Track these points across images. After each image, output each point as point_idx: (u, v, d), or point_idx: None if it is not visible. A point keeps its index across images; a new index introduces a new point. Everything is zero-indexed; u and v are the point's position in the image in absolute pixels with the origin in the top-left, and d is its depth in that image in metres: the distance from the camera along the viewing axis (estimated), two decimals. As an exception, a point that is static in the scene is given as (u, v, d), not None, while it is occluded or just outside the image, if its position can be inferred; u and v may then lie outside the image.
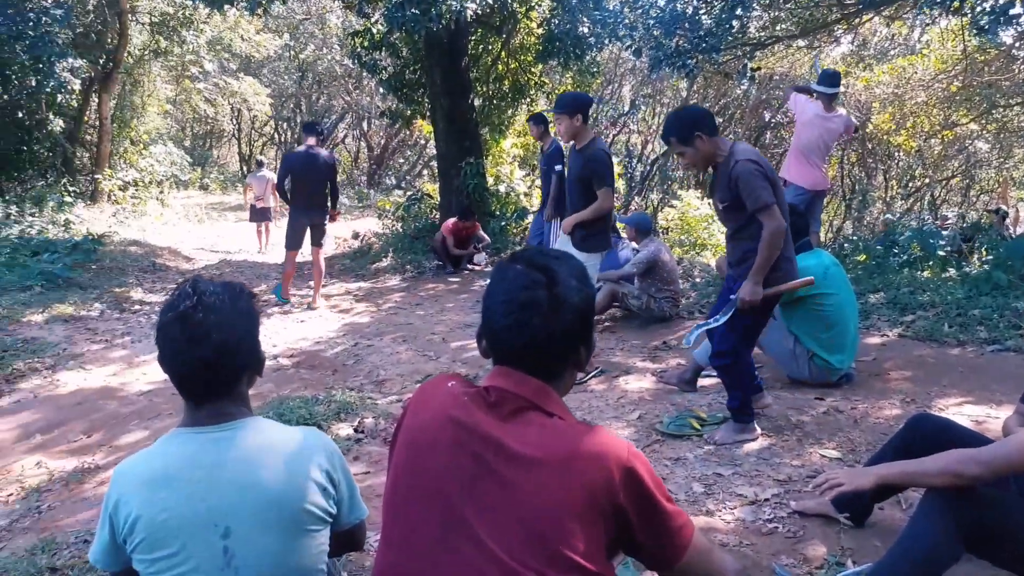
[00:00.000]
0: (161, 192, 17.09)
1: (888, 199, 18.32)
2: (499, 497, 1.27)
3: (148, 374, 5.44)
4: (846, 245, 8.23)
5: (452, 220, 9.38)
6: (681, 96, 18.59)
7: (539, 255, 1.42)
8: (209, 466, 1.54)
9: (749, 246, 3.34)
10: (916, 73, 13.59)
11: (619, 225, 7.48)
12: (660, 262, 5.98)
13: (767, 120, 18.18)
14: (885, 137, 15.56)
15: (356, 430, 3.94)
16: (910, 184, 18.75)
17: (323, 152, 7.60)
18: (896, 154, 17.59)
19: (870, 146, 17.27)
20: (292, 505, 1.56)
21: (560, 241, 4.93)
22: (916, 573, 2.05)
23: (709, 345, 4.34)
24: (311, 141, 7.59)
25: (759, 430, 3.59)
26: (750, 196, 3.23)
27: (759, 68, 10.40)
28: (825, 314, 4.12)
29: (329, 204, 7.63)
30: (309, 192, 7.47)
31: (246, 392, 1.69)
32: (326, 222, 7.71)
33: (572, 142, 4.67)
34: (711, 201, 3.67)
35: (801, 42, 11.36)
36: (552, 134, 7.73)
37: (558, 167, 7.16)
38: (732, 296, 3.46)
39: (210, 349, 1.55)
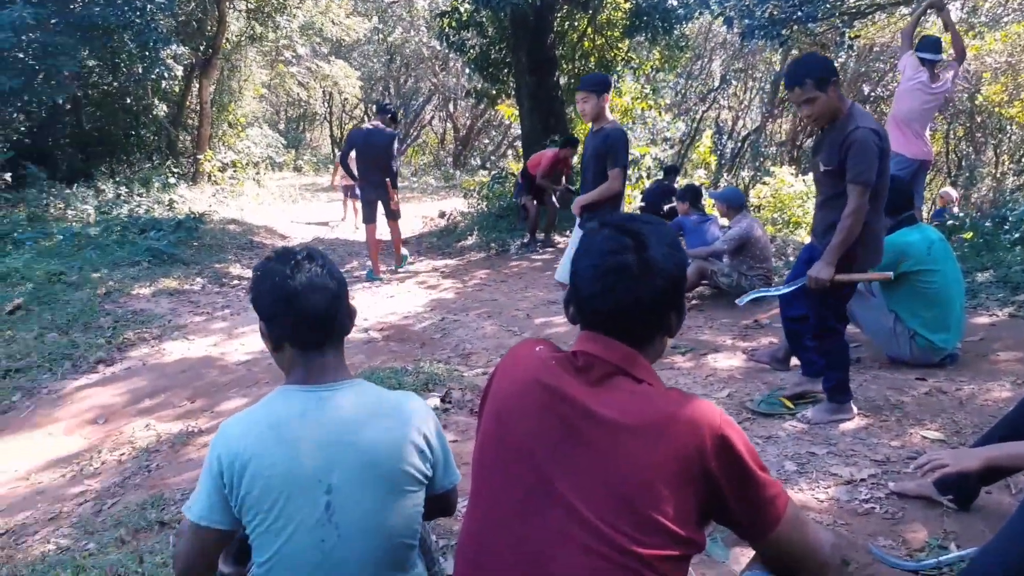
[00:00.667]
0: (257, 173, 17.73)
1: (999, 175, 17.26)
2: (587, 462, 1.26)
3: (246, 345, 5.67)
4: (951, 222, 7.79)
5: (551, 150, 9.15)
6: (774, 70, 17.96)
7: (629, 220, 1.40)
8: (315, 423, 1.60)
9: (837, 217, 3.17)
10: (1033, 39, 12.71)
11: (708, 201, 7.31)
12: (753, 239, 5.81)
13: (866, 94, 17.37)
14: (996, 109, 14.63)
15: (443, 400, 4.00)
16: (1023, 159, 17.61)
17: (385, 130, 7.83)
18: (1008, 127, 16.52)
19: (979, 119, 16.30)
20: (391, 464, 1.61)
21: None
22: (1027, 558, 1.94)
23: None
24: (377, 121, 7.94)
25: (856, 410, 3.47)
26: (856, 166, 3.06)
27: (858, 36, 9.91)
28: (928, 291, 3.92)
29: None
30: (372, 168, 7.79)
31: (343, 353, 1.74)
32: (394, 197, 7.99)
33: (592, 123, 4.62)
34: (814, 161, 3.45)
35: (904, 9, 10.77)
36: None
37: None
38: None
39: (329, 296, 1.65)
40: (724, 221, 6.42)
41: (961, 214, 8.86)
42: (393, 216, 8.12)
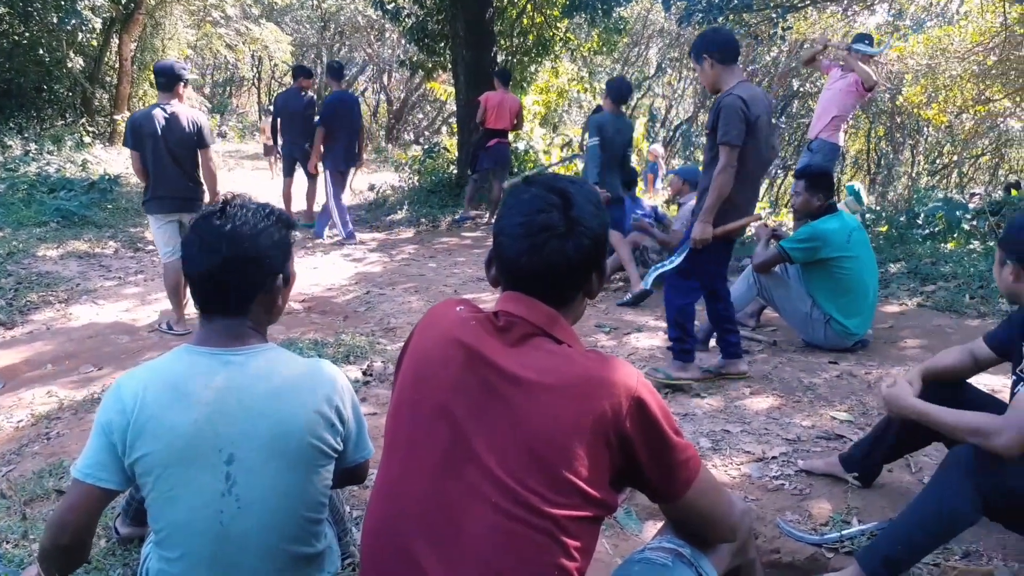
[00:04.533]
0: (179, 137, 17.05)
1: (914, 175, 17.99)
2: (504, 421, 1.24)
3: (161, 311, 5.45)
4: (868, 215, 8.08)
5: (511, 96, 8.94)
6: (708, 60, 18.22)
7: (555, 179, 1.38)
8: (219, 388, 1.51)
9: (709, 183, 3.46)
10: (952, 44, 13.22)
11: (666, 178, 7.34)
12: None
13: (795, 88, 17.81)
14: (915, 111, 15.20)
15: (365, 373, 3.93)
16: (938, 160, 18.39)
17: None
18: (925, 129, 17.21)
19: (899, 120, 16.91)
20: (298, 438, 1.54)
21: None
22: (930, 535, 2.02)
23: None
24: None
25: (699, 373, 3.73)
26: (722, 127, 3.33)
27: (789, 29, 10.11)
28: (845, 278, 4.05)
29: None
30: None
31: (263, 318, 1.65)
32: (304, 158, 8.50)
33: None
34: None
35: (835, 7, 11.06)
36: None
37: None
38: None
39: (219, 259, 1.54)
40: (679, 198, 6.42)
41: (877, 208, 9.20)
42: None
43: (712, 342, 4.40)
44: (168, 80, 4.82)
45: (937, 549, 2.17)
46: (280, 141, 8.79)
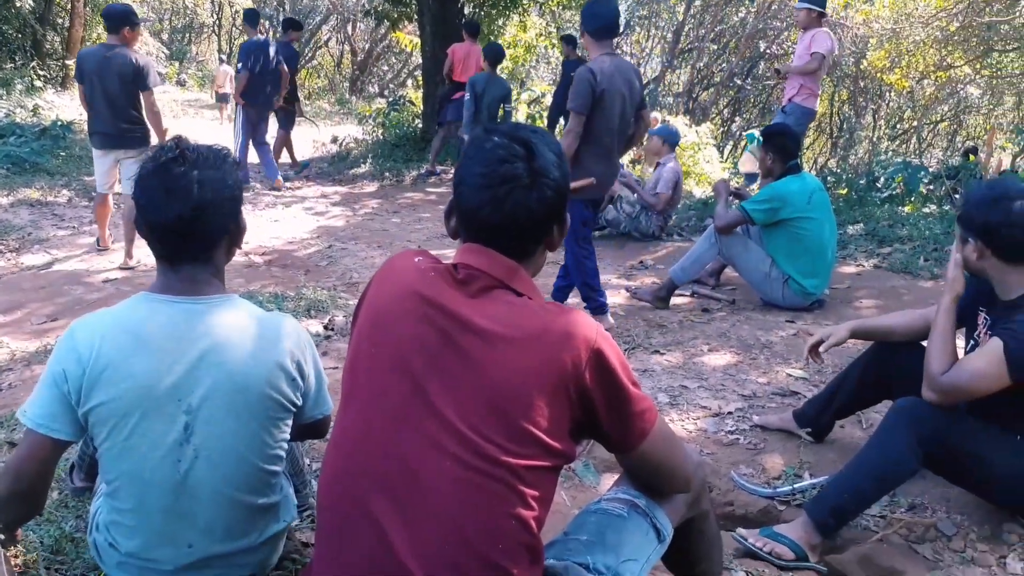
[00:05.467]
0: (135, 84, 16.52)
1: (875, 139, 18.22)
2: (463, 372, 1.23)
3: (115, 262, 5.34)
4: (829, 178, 8.19)
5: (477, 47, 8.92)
6: (677, 19, 18.10)
7: (517, 128, 1.36)
8: (180, 338, 1.48)
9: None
10: (917, 9, 13.31)
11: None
12: (679, 182, 6.03)
13: (762, 50, 17.82)
14: (879, 75, 15.33)
15: (326, 327, 3.90)
16: (898, 126, 18.62)
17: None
18: (887, 94, 17.38)
19: (862, 84, 17.05)
20: (258, 390, 1.52)
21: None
22: (874, 484, 2.09)
23: (687, 263, 4.35)
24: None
25: (612, 322, 3.96)
26: (570, 95, 3.64)
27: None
28: (805, 237, 4.10)
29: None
30: None
31: (222, 264, 1.61)
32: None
33: None
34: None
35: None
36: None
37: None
38: None
39: (188, 205, 1.48)
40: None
41: (838, 171, 9.32)
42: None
43: (677, 299, 4.46)
44: (113, 23, 5.08)
45: (882, 499, 2.25)
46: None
